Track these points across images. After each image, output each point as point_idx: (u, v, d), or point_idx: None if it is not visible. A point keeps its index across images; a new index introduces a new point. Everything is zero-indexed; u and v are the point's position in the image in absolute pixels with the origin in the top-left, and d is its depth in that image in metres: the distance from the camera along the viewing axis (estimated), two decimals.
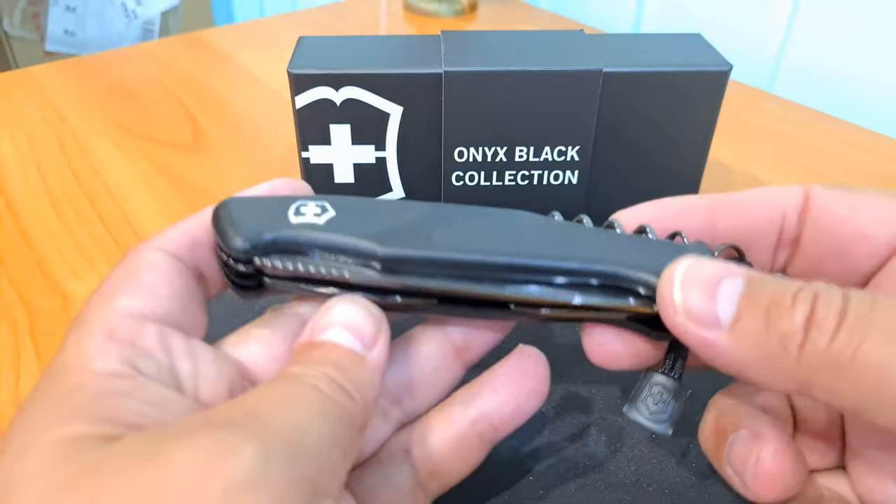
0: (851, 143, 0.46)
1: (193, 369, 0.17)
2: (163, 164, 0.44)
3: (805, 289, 0.15)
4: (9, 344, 0.30)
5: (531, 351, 0.21)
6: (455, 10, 0.67)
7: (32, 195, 0.40)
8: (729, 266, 0.16)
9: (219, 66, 0.58)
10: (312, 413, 0.15)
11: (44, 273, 0.35)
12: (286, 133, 0.47)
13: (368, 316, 0.18)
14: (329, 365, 0.16)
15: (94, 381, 0.15)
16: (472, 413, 0.20)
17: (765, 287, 0.16)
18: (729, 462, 0.19)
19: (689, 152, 0.33)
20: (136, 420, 0.15)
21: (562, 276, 0.18)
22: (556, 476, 0.24)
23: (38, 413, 0.15)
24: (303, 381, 0.16)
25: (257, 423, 0.14)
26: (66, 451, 0.13)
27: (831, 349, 0.14)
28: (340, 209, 0.19)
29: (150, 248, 0.18)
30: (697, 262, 0.17)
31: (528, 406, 0.21)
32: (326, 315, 0.18)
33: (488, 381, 0.21)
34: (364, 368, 0.17)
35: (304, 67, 0.30)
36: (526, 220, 0.19)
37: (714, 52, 0.32)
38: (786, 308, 0.15)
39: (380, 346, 0.18)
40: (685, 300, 0.16)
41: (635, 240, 0.19)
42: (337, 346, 0.17)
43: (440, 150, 0.32)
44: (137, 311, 0.17)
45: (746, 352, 0.15)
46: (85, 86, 0.54)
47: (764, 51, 0.57)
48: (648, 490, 0.23)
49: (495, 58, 0.31)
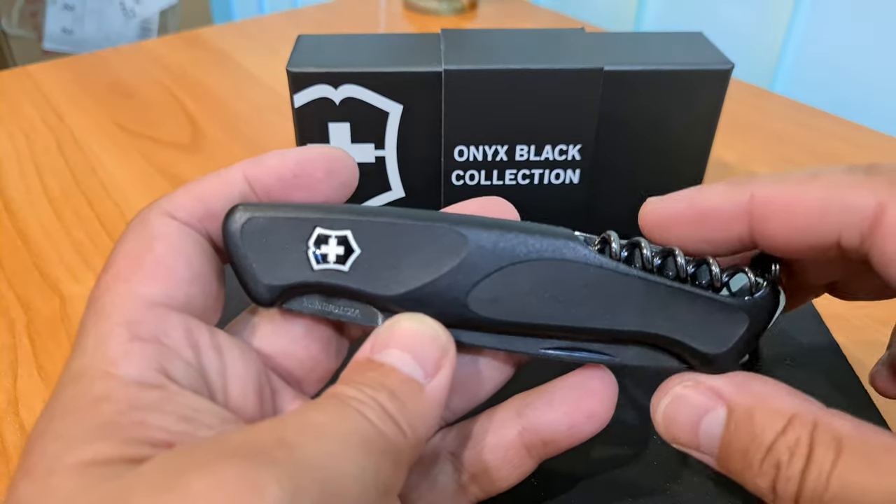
0: (854, 142, 0.46)
1: (221, 367, 0.16)
2: (161, 163, 0.44)
3: (769, 455, 0.15)
4: (6, 344, 0.30)
5: (600, 370, 0.19)
6: (455, 8, 0.67)
7: (30, 194, 0.40)
8: (708, 400, 0.17)
9: (217, 65, 0.57)
10: (354, 445, 0.14)
11: (41, 273, 0.34)
12: (285, 132, 0.47)
13: (434, 340, 0.16)
14: (383, 391, 0.15)
15: (120, 391, 0.14)
16: (522, 423, 0.19)
17: (741, 430, 0.16)
18: None
19: (691, 151, 0.33)
20: (165, 437, 0.14)
21: (603, 340, 0.18)
22: (556, 477, 0.23)
23: (63, 424, 0.14)
24: (350, 407, 0.14)
25: (288, 457, 0.13)
26: (91, 477, 0.13)
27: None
28: (365, 244, 0.17)
29: (160, 215, 0.17)
30: (676, 400, 0.17)
31: (584, 428, 0.19)
32: (389, 332, 0.16)
33: (545, 394, 0.19)
34: (421, 399, 0.15)
35: (303, 66, 0.30)
36: (568, 269, 0.17)
37: (715, 51, 0.32)
38: (754, 473, 0.16)
39: (442, 376, 0.16)
40: (672, 436, 0.17)
41: (688, 296, 0.17)
42: (395, 370, 0.16)
43: (440, 148, 0.32)
44: (159, 299, 0.16)
45: (730, 475, 0.17)
46: (83, 85, 0.53)
47: (766, 49, 0.56)
48: (649, 491, 0.23)
49: (496, 56, 0.31)
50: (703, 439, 0.17)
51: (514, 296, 0.17)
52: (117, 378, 0.14)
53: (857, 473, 0.14)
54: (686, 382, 0.17)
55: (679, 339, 0.17)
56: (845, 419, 0.15)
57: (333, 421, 0.14)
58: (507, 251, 0.17)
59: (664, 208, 0.19)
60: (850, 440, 0.15)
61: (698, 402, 0.17)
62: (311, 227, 0.17)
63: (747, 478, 0.16)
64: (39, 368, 0.29)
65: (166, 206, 0.17)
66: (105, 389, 0.14)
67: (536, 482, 0.23)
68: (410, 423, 0.15)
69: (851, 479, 0.14)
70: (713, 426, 0.17)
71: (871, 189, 0.16)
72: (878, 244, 0.16)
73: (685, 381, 0.17)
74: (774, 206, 0.17)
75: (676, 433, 0.17)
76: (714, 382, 0.17)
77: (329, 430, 0.14)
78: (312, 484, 0.12)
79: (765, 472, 0.15)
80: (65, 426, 0.14)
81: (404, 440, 0.15)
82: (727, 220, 0.18)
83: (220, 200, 0.17)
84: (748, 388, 0.17)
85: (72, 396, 0.14)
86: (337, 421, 0.14)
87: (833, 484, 0.14)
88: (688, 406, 0.17)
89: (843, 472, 0.14)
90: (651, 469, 0.24)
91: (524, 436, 0.19)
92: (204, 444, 0.13)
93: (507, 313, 0.17)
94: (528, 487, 0.23)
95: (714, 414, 0.17)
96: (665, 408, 0.17)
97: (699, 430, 0.17)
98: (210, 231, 0.17)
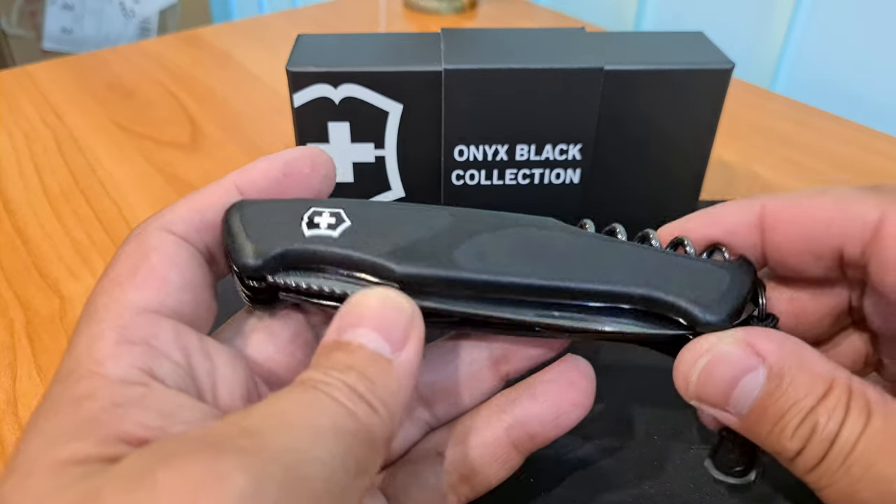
0: (855, 143, 0.46)
1: (210, 370, 0.16)
2: (160, 162, 0.43)
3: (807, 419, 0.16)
4: (5, 344, 0.30)
5: (578, 361, 0.20)
6: (455, 8, 0.67)
7: (29, 194, 0.40)
8: (750, 359, 0.16)
9: (217, 65, 0.57)
10: (322, 430, 0.14)
11: (41, 273, 0.34)
12: (284, 131, 0.47)
13: (399, 312, 0.16)
14: (351, 372, 0.15)
15: (104, 389, 0.14)
16: (508, 419, 0.20)
17: (782, 392, 0.16)
18: None
19: (692, 151, 0.33)
20: (142, 433, 0.14)
21: (591, 301, 0.18)
22: (556, 478, 0.23)
23: (48, 421, 0.14)
24: (318, 391, 0.14)
25: (255, 445, 0.13)
26: (65, 478, 0.13)
27: (807, 478, 0.16)
28: (356, 218, 0.18)
29: (156, 229, 0.17)
30: (718, 358, 0.17)
31: (568, 418, 0.20)
32: (353, 310, 0.16)
33: (528, 388, 0.20)
34: (390, 374, 0.15)
35: (303, 65, 0.30)
36: (555, 234, 0.18)
37: (716, 51, 0.32)
38: (787, 436, 0.16)
39: (410, 348, 0.16)
40: (699, 396, 0.17)
41: (671, 259, 0.18)
42: (362, 347, 0.15)
43: (440, 148, 0.32)
44: (150, 305, 0.16)
45: (751, 436, 0.17)
46: (82, 84, 0.53)
47: (766, 49, 0.56)
48: (649, 491, 0.23)
49: (496, 55, 0.31)
50: (736, 398, 0.16)
51: (501, 254, 0.18)
52: (103, 377, 0.15)
53: (881, 440, 0.15)
54: (727, 339, 0.17)
55: (671, 300, 0.17)
56: (873, 388, 0.16)
57: (300, 407, 0.14)
58: (495, 219, 0.18)
59: (679, 228, 0.20)
60: (877, 408, 0.15)
61: (741, 361, 0.16)
62: (306, 206, 0.18)
63: (774, 439, 0.16)
64: (38, 368, 0.29)
65: (163, 219, 0.17)
66: (90, 387, 0.14)
67: (533, 479, 0.23)
68: (382, 399, 0.15)
69: (875, 443, 0.15)
70: (752, 387, 0.16)
71: (876, 203, 0.17)
72: (877, 252, 0.17)
73: (725, 338, 0.17)
74: (785, 215, 0.18)
75: (709, 392, 0.17)
76: (755, 340, 0.16)
77: (295, 416, 0.14)
78: (278, 470, 0.12)
79: (799, 435, 0.15)
80: (48, 424, 0.14)
81: (377, 418, 0.15)
82: (740, 235, 0.19)
83: (214, 210, 0.18)
84: (789, 350, 0.16)
85: (58, 394, 0.15)
86: (304, 407, 0.14)
87: (859, 448, 0.15)
88: (728, 365, 0.16)
89: (870, 438, 0.15)
90: (652, 470, 0.24)
91: (511, 431, 0.20)
92: (173, 440, 0.13)
93: (494, 272, 0.17)
94: (525, 485, 0.23)
95: (755, 374, 0.16)
96: (704, 365, 0.17)
97: (735, 391, 0.16)
98: (206, 242, 0.18)
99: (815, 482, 0.16)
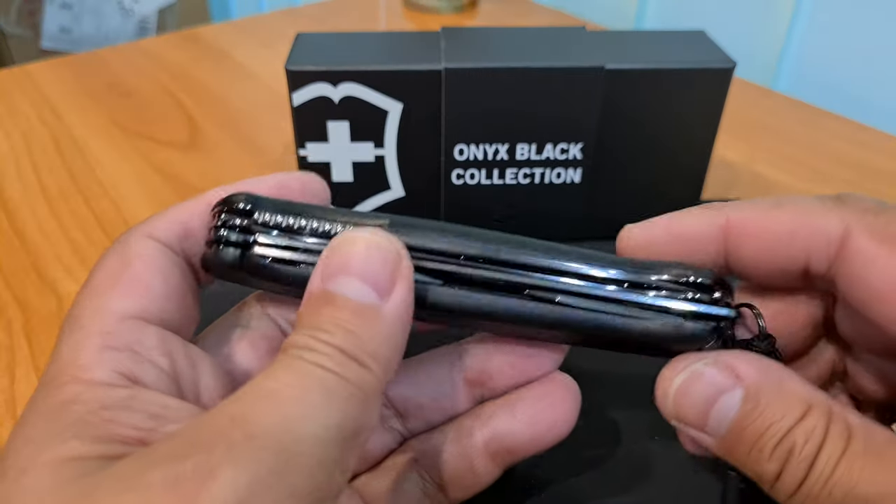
0: (857, 142, 0.46)
1: (194, 376, 0.17)
2: (159, 162, 0.43)
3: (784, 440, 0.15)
4: (4, 345, 0.30)
5: (563, 379, 0.19)
6: (455, 7, 0.67)
7: (27, 194, 0.40)
8: (727, 380, 0.16)
9: (216, 63, 0.57)
10: (317, 404, 0.13)
11: (39, 273, 0.34)
12: (284, 131, 0.47)
13: (384, 253, 0.15)
14: (338, 332, 0.14)
15: (89, 393, 0.14)
16: (486, 432, 0.19)
17: (758, 414, 0.16)
18: None
19: (694, 150, 0.33)
20: (134, 434, 0.14)
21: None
22: (555, 478, 0.23)
23: (35, 428, 0.14)
24: (304, 361, 0.14)
25: (244, 434, 0.13)
26: (63, 474, 0.13)
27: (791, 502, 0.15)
28: None
29: (140, 236, 0.17)
30: (694, 377, 0.16)
31: (546, 437, 0.19)
32: (336, 255, 0.15)
33: (508, 404, 0.19)
34: (379, 323, 0.15)
35: (302, 64, 0.30)
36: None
37: (718, 50, 0.32)
38: (764, 457, 0.15)
39: (398, 292, 0.15)
40: (677, 415, 0.17)
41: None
42: (347, 300, 0.15)
43: (440, 147, 0.32)
44: (133, 312, 0.16)
45: (731, 459, 0.16)
46: (81, 83, 0.53)
47: (768, 48, 0.56)
48: (650, 492, 0.23)
49: (496, 54, 0.31)
50: (713, 419, 0.16)
51: None
52: (86, 382, 0.15)
53: (862, 463, 0.15)
54: (706, 359, 0.17)
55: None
56: (854, 413, 0.16)
57: (288, 384, 0.14)
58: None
59: (641, 233, 0.19)
60: (858, 431, 0.15)
61: (717, 380, 0.16)
62: None
63: (752, 461, 0.16)
64: (37, 369, 0.29)
65: (146, 228, 0.18)
66: (74, 393, 0.14)
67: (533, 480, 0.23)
68: (371, 353, 0.14)
69: (856, 466, 0.14)
70: (728, 407, 0.16)
71: (839, 215, 0.17)
72: (844, 268, 0.17)
73: (704, 358, 0.17)
74: (748, 228, 0.18)
75: (686, 411, 0.17)
76: (735, 362, 0.16)
77: (284, 394, 0.13)
78: (269, 456, 0.12)
79: (776, 457, 0.15)
80: (36, 430, 0.14)
81: (369, 374, 0.14)
82: (703, 244, 0.18)
83: (198, 219, 0.18)
84: (768, 373, 0.16)
85: (43, 400, 0.15)
86: (292, 382, 0.14)
87: (839, 470, 0.15)
88: (705, 384, 0.16)
89: (850, 460, 0.15)
90: (652, 470, 0.24)
91: (489, 445, 0.19)
92: (163, 442, 0.13)
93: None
94: (523, 487, 0.23)
95: (731, 395, 0.16)
96: (680, 383, 0.17)
97: (712, 410, 0.16)
98: (189, 252, 0.18)
99: None
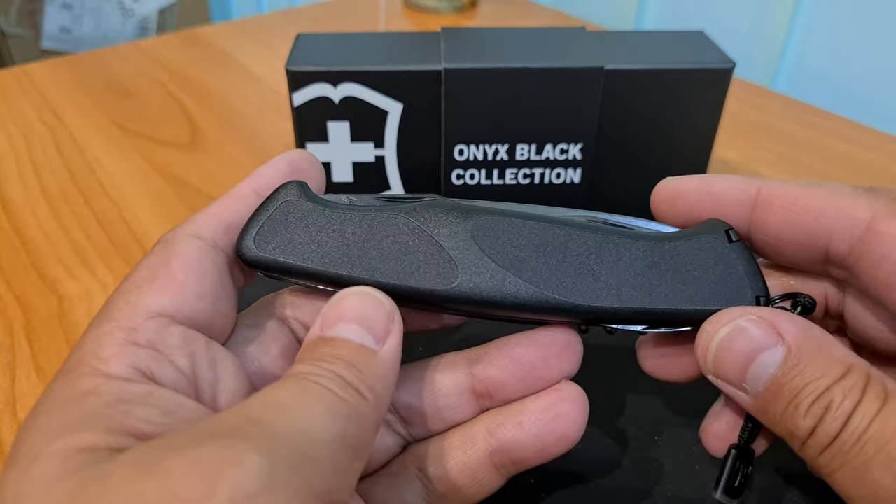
0: (856, 142, 0.46)
1: (213, 379, 0.17)
2: (159, 162, 0.43)
3: (822, 398, 0.16)
4: (4, 345, 0.30)
5: (571, 390, 0.19)
6: (455, 7, 0.67)
7: (28, 194, 0.40)
8: (769, 337, 0.16)
9: (216, 64, 0.57)
10: (320, 415, 0.14)
11: (39, 273, 0.34)
12: (284, 131, 0.47)
13: (380, 307, 0.17)
14: (339, 363, 0.16)
15: (107, 386, 0.15)
16: (492, 442, 0.19)
17: (798, 371, 0.16)
18: None
19: (693, 150, 0.33)
20: (147, 429, 0.14)
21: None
22: (557, 478, 0.23)
23: (49, 418, 0.14)
24: (310, 381, 0.15)
25: (261, 431, 0.13)
26: (73, 463, 0.13)
27: (818, 461, 0.16)
28: None
29: (185, 235, 0.18)
30: (737, 332, 0.17)
31: (554, 449, 0.19)
32: (335, 308, 0.17)
33: (516, 414, 0.19)
34: (376, 364, 0.16)
35: (302, 64, 0.30)
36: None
37: (717, 50, 0.32)
38: (800, 413, 0.16)
39: (392, 340, 0.17)
40: (716, 369, 0.17)
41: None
42: (347, 341, 0.16)
43: (440, 147, 0.32)
44: (164, 310, 0.16)
45: (764, 416, 0.17)
46: (81, 84, 0.53)
47: (767, 48, 0.56)
48: (650, 492, 0.23)
49: (496, 55, 0.31)
50: (751, 375, 0.16)
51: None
52: (106, 374, 0.15)
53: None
54: (749, 315, 0.17)
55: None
56: (892, 380, 0.16)
57: (297, 396, 0.15)
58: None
59: (677, 184, 0.20)
60: (895, 394, 0.15)
61: (759, 337, 0.16)
62: None
63: (787, 418, 0.16)
64: (37, 369, 0.29)
65: (190, 226, 0.18)
66: (92, 384, 0.15)
67: (534, 480, 0.23)
68: (370, 386, 0.16)
69: (892, 423, 0.15)
70: (768, 364, 0.16)
71: (868, 202, 0.17)
72: (867, 249, 0.17)
73: (747, 313, 0.17)
74: (779, 200, 0.19)
75: (726, 365, 0.17)
76: (778, 320, 0.16)
77: (292, 404, 0.14)
78: (288, 452, 0.13)
79: (812, 412, 0.15)
80: (50, 420, 0.14)
81: (367, 404, 0.15)
82: (731, 205, 0.19)
83: (236, 214, 0.19)
84: (809, 333, 0.16)
85: (60, 390, 0.15)
86: (301, 396, 0.15)
87: (874, 426, 0.15)
88: (747, 339, 0.16)
89: (886, 418, 0.15)
90: (653, 471, 0.24)
91: (494, 456, 0.19)
92: (181, 432, 0.13)
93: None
94: (526, 487, 0.23)
95: (772, 351, 0.16)
96: (723, 337, 0.17)
97: (751, 366, 0.16)
98: (229, 248, 0.19)
99: (827, 464, 0.16)
